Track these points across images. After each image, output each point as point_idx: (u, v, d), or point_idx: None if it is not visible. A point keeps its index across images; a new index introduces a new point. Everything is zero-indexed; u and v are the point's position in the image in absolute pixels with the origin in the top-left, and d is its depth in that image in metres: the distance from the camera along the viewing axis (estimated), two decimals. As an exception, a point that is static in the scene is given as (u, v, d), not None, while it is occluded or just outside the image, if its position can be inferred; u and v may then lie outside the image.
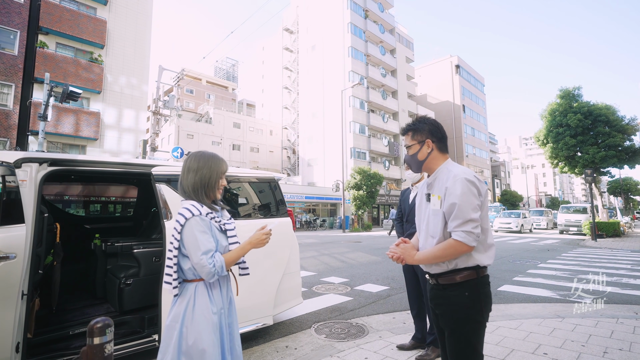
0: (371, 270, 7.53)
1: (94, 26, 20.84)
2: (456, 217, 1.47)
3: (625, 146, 19.07)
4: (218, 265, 1.49)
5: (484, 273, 1.57)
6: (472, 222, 1.46)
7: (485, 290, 1.57)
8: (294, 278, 3.70)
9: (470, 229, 1.45)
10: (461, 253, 1.49)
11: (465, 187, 1.48)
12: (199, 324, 1.50)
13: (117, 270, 2.97)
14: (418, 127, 1.68)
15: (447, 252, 1.49)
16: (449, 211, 1.50)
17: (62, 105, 19.17)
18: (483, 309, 1.55)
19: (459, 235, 1.46)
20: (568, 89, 20.49)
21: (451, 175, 1.55)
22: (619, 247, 12.75)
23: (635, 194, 53.70)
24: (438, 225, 1.55)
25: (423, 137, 1.67)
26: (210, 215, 1.60)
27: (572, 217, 20.19)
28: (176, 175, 2.83)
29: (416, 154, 1.68)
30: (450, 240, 1.48)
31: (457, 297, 1.54)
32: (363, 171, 27.11)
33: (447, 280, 1.56)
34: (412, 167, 1.72)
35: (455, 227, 1.47)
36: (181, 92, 48.64)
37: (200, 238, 1.49)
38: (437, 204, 1.57)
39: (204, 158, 1.66)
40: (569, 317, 3.97)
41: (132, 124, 22.38)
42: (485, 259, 1.56)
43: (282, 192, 3.95)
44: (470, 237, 1.45)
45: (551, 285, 5.91)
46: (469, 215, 1.45)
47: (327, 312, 4.42)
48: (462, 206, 1.46)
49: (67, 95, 12.29)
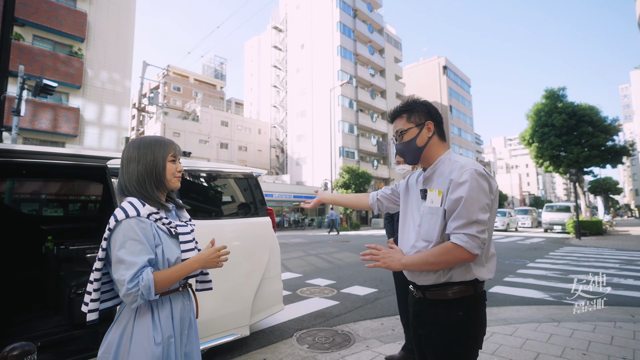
0: (359, 271, 7.27)
1: (74, 18, 20.01)
2: (459, 215, 1.18)
3: (608, 146, 19.41)
4: (143, 286, 1.09)
5: (481, 289, 1.29)
6: (478, 224, 1.17)
7: (483, 310, 1.29)
8: (274, 283, 3.39)
9: (475, 232, 1.16)
10: (459, 262, 1.19)
11: (474, 181, 1.20)
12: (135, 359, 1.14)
13: (69, 277, 2.61)
14: (414, 107, 1.39)
15: (442, 257, 1.19)
16: (452, 208, 1.21)
17: (40, 100, 18.43)
18: (478, 333, 1.27)
19: (459, 239, 1.17)
20: (553, 90, 20.75)
21: (457, 165, 1.27)
22: (603, 245, 12.86)
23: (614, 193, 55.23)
24: (435, 226, 1.26)
25: (422, 119, 1.37)
26: (155, 216, 1.24)
27: (556, 215, 20.44)
28: None
29: (414, 140, 1.36)
30: (447, 244, 1.19)
31: (448, 317, 1.25)
32: (352, 170, 26.93)
33: (437, 295, 1.27)
34: (408, 157, 1.40)
35: (456, 228, 1.18)
36: (168, 89, 47.62)
37: (126, 248, 1.13)
38: (437, 200, 1.27)
39: (144, 144, 1.31)
40: (565, 320, 3.79)
41: (114, 121, 21.61)
42: (486, 272, 1.27)
43: (263, 189, 3.63)
44: (474, 243, 1.16)
45: (543, 286, 5.76)
46: (475, 215, 1.17)
47: (311, 318, 4.13)
48: (468, 203, 1.18)
49: (41, 89, 11.67)
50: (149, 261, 1.16)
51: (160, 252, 1.21)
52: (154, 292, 1.13)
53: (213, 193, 3.17)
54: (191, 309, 1.36)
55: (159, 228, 1.24)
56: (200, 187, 3.09)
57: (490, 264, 1.29)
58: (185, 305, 1.33)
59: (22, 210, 3.83)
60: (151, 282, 1.12)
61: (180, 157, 1.39)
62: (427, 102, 1.42)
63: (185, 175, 2.88)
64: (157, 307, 1.23)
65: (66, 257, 2.81)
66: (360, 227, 28.07)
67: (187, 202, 2.88)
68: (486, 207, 1.20)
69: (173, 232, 1.28)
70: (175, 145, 1.38)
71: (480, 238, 1.17)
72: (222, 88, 58.18)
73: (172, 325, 1.25)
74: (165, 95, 46.39)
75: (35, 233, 3.39)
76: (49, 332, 2.43)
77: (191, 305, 1.37)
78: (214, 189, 3.22)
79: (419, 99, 1.43)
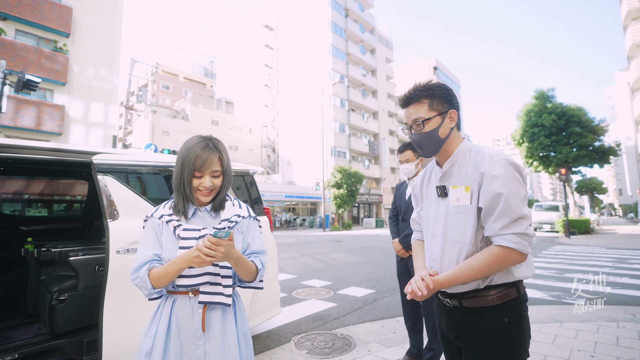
0: (354, 271, 7.16)
1: (59, 13, 19.40)
2: (502, 214, 1.05)
3: (596, 146, 19.78)
4: (140, 279, 1.18)
5: (524, 289, 1.17)
6: (524, 219, 1.06)
7: (527, 314, 1.17)
8: (271, 285, 3.24)
9: (524, 229, 1.05)
10: (512, 264, 1.07)
11: (510, 172, 1.08)
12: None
13: (51, 282, 2.40)
14: (436, 92, 1.21)
15: (492, 267, 1.06)
16: (491, 206, 1.08)
17: (23, 96, 17.82)
18: (527, 339, 1.14)
19: (509, 240, 1.04)
20: (542, 90, 21.05)
21: (484, 157, 1.13)
22: (592, 243, 13.04)
23: (599, 192, 56.55)
24: (468, 226, 1.13)
25: (445, 107, 1.21)
26: (167, 218, 1.26)
27: (545, 215, 20.72)
28: (125, 165, 2.32)
29: (436, 130, 1.20)
30: (494, 250, 1.06)
31: (493, 325, 1.11)
32: (344, 170, 26.86)
33: (477, 302, 1.13)
34: (426, 149, 1.24)
35: (502, 228, 1.06)
36: (157, 87, 46.83)
37: (140, 243, 1.27)
38: (465, 197, 1.14)
39: (181, 149, 1.29)
40: (567, 321, 3.73)
41: (101, 119, 21.05)
42: (527, 269, 1.14)
43: (259, 188, 3.47)
44: (525, 242, 1.05)
45: (540, 285, 5.74)
46: (520, 211, 1.05)
47: (308, 321, 3.99)
48: (510, 198, 1.05)
49: (23, 84, 11.27)
50: (156, 256, 1.23)
51: (160, 249, 1.26)
52: (150, 285, 1.17)
53: None
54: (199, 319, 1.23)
55: (166, 229, 1.26)
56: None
57: (530, 259, 1.16)
58: (194, 312, 1.23)
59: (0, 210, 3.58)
60: (143, 275, 1.18)
61: (211, 171, 1.25)
62: (448, 87, 1.26)
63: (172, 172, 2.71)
64: (163, 303, 1.27)
65: (47, 260, 2.60)
66: (352, 227, 28.03)
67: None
68: (525, 199, 1.09)
69: (176, 235, 1.24)
70: (204, 159, 1.23)
71: (530, 235, 1.06)
72: (212, 87, 57.51)
73: (168, 324, 1.22)
74: (154, 94, 45.61)
75: (14, 234, 3.16)
76: (28, 342, 2.23)
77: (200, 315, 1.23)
78: None
79: (440, 82, 1.26)
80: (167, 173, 2.64)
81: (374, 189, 37.25)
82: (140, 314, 2.13)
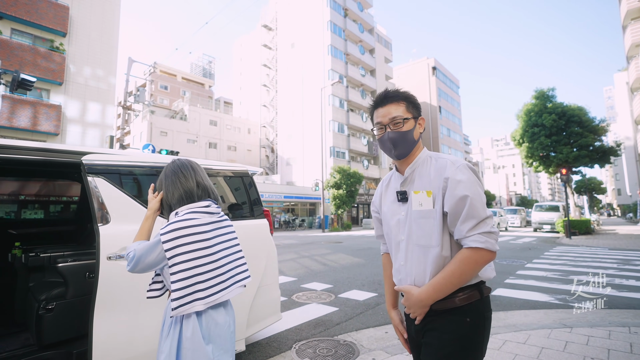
0: (355, 274, 7.03)
1: (55, 12, 19.22)
2: (470, 216, 1.09)
3: (596, 146, 19.69)
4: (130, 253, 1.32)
5: (488, 292, 1.19)
6: (489, 219, 1.10)
7: (489, 315, 1.19)
8: (272, 291, 3.11)
9: (490, 228, 1.09)
10: (484, 265, 1.10)
11: (472, 177, 1.14)
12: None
13: (38, 289, 2.27)
14: (411, 98, 1.28)
15: (467, 269, 1.09)
16: (457, 209, 1.11)
17: (18, 96, 17.65)
18: (485, 340, 1.17)
19: (477, 241, 1.07)
20: (543, 90, 20.95)
21: (445, 162, 1.19)
22: (594, 244, 12.95)
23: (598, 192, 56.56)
24: (433, 230, 1.15)
25: (417, 113, 1.28)
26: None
27: (546, 215, 20.65)
28: (117, 166, 2.19)
29: (412, 132, 1.25)
30: (465, 254, 1.09)
31: (454, 324, 1.14)
32: (343, 170, 26.74)
33: (445, 304, 1.15)
34: (400, 149, 1.25)
35: (470, 230, 1.09)
36: (155, 88, 46.63)
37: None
38: (428, 202, 1.17)
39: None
40: (576, 326, 3.61)
41: (98, 119, 20.87)
42: (489, 270, 1.19)
43: (258, 189, 3.34)
44: (492, 240, 1.09)
45: (546, 288, 5.62)
46: (484, 212, 1.10)
47: (309, 327, 3.86)
48: (475, 200, 1.10)
49: (18, 84, 11.09)
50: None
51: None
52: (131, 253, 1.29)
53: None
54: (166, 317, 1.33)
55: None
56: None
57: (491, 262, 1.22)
58: (167, 310, 1.32)
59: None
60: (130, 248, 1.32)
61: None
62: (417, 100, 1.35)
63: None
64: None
65: (36, 266, 2.46)
66: (351, 227, 27.91)
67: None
68: (485, 201, 1.15)
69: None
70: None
71: (495, 233, 1.09)
72: (210, 87, 57.34)
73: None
74: (152, 94, 45.39)
75: (1, 238, 3.02)
76: (15, 355, 2.10)
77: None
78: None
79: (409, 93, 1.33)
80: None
81: (373, 190, 37.14)
82: (132, 324, 2.00)
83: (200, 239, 1.27)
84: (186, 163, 1.46)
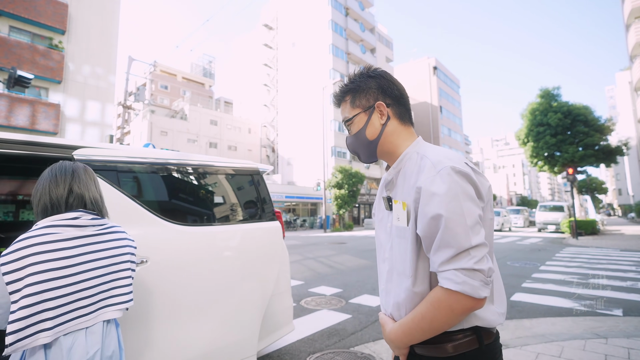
0: (365, 277, 6.77)
1: (54, 9, 18.95)
2: (444, 243, 0.79)
3: (602, 145, 19.43)
4: None
5: (491, 338, 0.88)
6: (475, 250, 0.77)
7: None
8: (284, 299, 2.84)
9: (473, 264, 0.76)
10: (464, 313, 0.79)
11: (456, 186, 0.80)
12: None
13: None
14: (359, 83, 1.00)
15: (439, 315, 0.80)
16: (429, 233, 0.81)
17: (17, 95, 17.40)
18: None
19: (452, 280, 0.77)
20: (548, 89, 20.68)
21: (426, 163, 0.87)
22: (603, 245, 12.69)
23: (600, 192, 56.32)
24: (407, 255, 0.88)
25: (370, 100, 0.98)
26: None
27: (550, 215, 20.39)
28: (115, 162, 1.95)
29: (363, 131, 0.99)
30: (437, 293, 0.80)
31: None
32: (344, 170, 26.47)
33: (430, 350, 0.87)
34: (362, 155, 1.04)
35: (444, 263, 0.79)
36: (155, 87, 46.33)
37: None
38: (403, 217, 0.89)
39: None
40: (611, 336, 3.35)
41: (98, 118, 20.59)
42: (494, 314, 0.87)
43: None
44: (476, 281, 0.76)
45: (567, 293, 5.36)
46: (466, 239, 0.77)
47: (323, 337, 3.60)
48: (452, 222, 0.78)
49: (15, 81, 10.82)
50: None
51: None
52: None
53: (211, 193, 2.60)
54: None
55: None
56: (195, 186, 2.51)
57: (498, 297, 0.90)
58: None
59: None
60: None
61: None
62: (380, 73, 1.02)
63: (174, 171, 2.31)
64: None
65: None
66: (353, 228, 27.65)
67: (178, 205, 2.31)
68: (478, 220, 0.80)
69: None
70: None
71: (482, 270, 0.77)
72: (210, 87, 57.08)
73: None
74: (152, 93, 45.09)
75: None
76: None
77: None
78: (221, 187, 2.65)
79: (370, 70, 1.03)
80: (166, 172, 2.25)
81: (374, 189, 36.89)
82: (138, 344, 1.75)
83: (55, 257, 1.07)
84: (66, 167, 1.22)
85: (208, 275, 2.12)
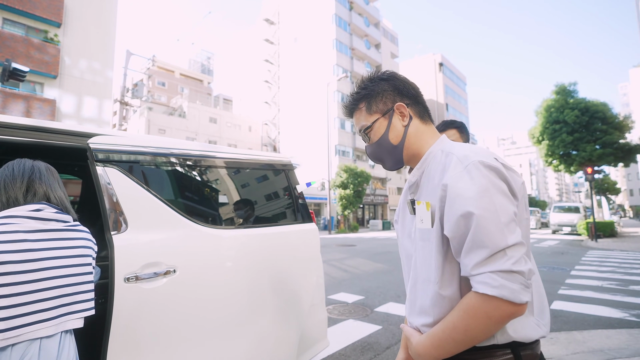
0: (385, 282, 6.15)
1: (49, 1, 18.30)
2: (476, 244, 0.69)
3: (621, 144, 18.74)
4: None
5: (532, 356, 0.76)
6: (511, 249, 0.68)
7: None
8: (319, 312, 2.29)
9: (510, 265, 0.67)
10: (502, 321, 0.69)
11: (483, 180, 0.72)
12: None
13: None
14: (374, 88, 0.92)
15: (475, 324, 0.70)
16: (458, 233, 0.72)
17: (11, 90, 16.79)
18: None
19: (488, 284, 0.67)
20: (564, 85, 19.98)
21: (451, 159, 0.79)
22: (626, 248, 12.07)
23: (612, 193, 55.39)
24: (432, 258, 0.79)
25: (387, 103, 0.91)
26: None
27: (565, 216, 19.70)
28: (137, 153, 1.58)
29: (385, 136, 0.92)
30: (471, 299, 0.70)
31: None
32: (350, 169, 25.84)
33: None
34: (387, 162, 0.95)
35: (477, 265, 0.69)
36: (152, 84, 45.66)
37: None
38: (427, 218, 0.81)
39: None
40: None
41: (95, 114, 19.97)
42: (529, 327, 0.76)
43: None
44: (515, 284, 0.66)
45: (611, 301, 4.81)
46: (502, 238, 0.68)
47: (356, 352, 3.07)
48: (485, 220, 0.69)
49: (9, 74, 10.13)
50: None
51: None
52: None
53: (244, 190, 2.09)
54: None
55: None
56: (227, 182, 2.01)
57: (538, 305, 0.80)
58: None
59: None
60: None
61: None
62: (390, 74, 0.95)
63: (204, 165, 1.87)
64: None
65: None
66: (358, 229, 27.01)
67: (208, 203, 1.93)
68: (513, 218, 0.71)
69: None
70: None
71: (521, 272, 0.67)
72: (209, 83, 56.42)
73: None
74: (149, 90, 44.40)
75: None
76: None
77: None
78: (244, 184, 2.16)
79: (381, 73, 0.96)
80: (195, 165, 1.81)
81: (379, 189, 36.27)
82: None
83: (14, 249, 0.94)
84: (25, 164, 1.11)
85: (244, 286, 1.76)
